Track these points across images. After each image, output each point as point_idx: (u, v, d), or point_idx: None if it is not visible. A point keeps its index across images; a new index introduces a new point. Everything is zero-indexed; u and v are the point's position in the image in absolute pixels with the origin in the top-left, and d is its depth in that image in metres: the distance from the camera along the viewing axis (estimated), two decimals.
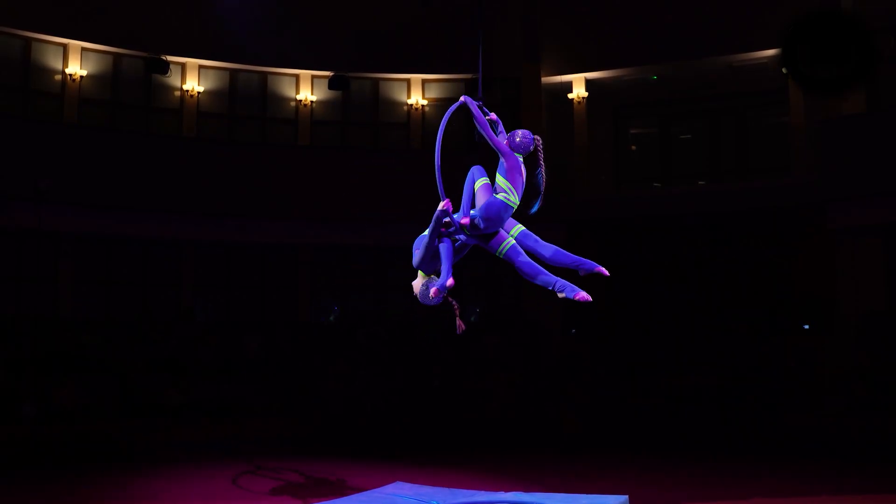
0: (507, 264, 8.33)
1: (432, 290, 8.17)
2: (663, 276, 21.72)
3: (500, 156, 8.23)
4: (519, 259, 8.23)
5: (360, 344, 20.54)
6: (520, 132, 8.36)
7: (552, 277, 8.10)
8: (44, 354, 17.95)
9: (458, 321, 8.45)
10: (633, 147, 23.75)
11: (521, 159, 8.29)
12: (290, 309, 22.02)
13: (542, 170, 8.25)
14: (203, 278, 21.58)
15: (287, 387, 19.05)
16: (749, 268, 21.09)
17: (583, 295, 8.01)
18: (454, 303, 8.46)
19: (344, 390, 19.11)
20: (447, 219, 8.12)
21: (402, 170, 20.74)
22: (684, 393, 20.42)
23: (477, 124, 8.20)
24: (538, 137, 8.40)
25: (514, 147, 8.25)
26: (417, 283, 8.48)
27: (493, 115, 8.53)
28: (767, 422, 18.90)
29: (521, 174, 8.22)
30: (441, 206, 7.99)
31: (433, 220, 8.09)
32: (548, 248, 8.27)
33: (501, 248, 8.25)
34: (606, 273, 8.11)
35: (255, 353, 19.86)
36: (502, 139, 8.35)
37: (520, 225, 8.48)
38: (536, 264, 8.26)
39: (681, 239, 21.36)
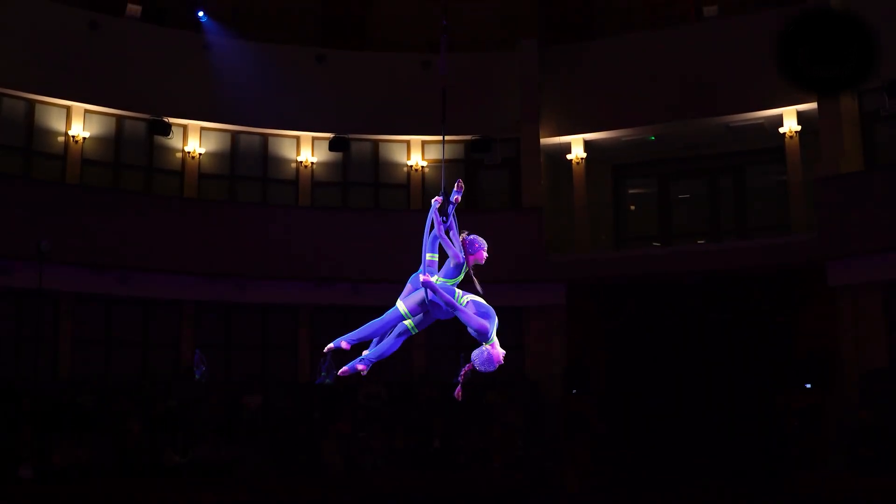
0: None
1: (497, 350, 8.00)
2: (664, 334, 21.66)
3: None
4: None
5: (360, 403, 20.44)
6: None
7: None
8: (42, 414, 17.84)
9: (459, 389, 8.31)
10: (633, 206, 23.83)
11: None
12: (289, 368, 21.94)
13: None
14: (203, 338, 21.51)
15: (287, 447, 18.91)
16: (750, 326, 21.03)
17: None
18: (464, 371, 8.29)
19: (344, 450, 18.98)
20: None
21: (401, 230, 20.77)
22: (686, 452, 20.31)
23: (435, 227, 8.20)
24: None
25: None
26: (480, 353, 8.02)
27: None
28: (771, 480, 18.76)
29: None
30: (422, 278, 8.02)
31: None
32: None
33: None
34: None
35: (255, 412, 19.74)
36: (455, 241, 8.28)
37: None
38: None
39: (681, 298, 21.34)
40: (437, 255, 8.39)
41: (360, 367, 8.34)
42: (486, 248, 8.28)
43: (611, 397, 21.56)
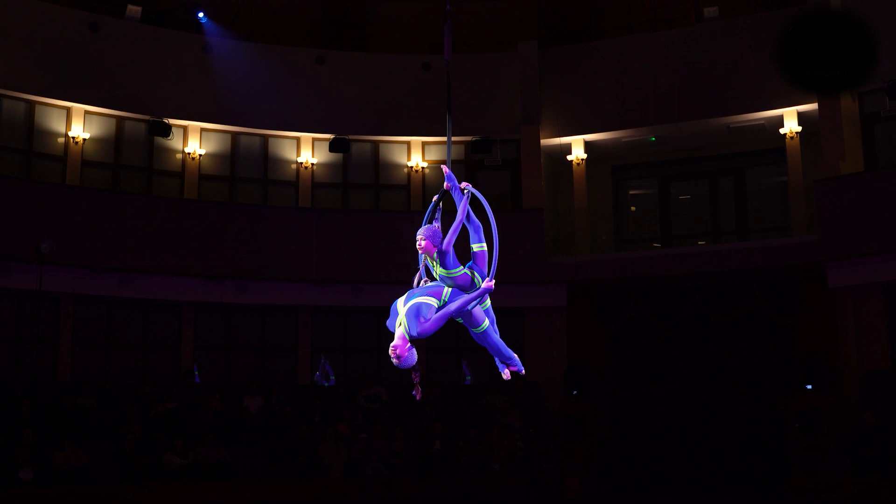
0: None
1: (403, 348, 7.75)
2: (664, 336, 21.62)
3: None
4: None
5: (360, 406, 20.42)
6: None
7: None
8: (42, 417, 17.83)
9: (417, 387, 8.01)
10: (633, 208, 23.83)
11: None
12: (289, 371, 21.93)
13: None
14: (203, 340, 21.50)
15: (287, 449, 18.89)
16: (750, 328, 20.98)
17: (510, 371, 8.09)
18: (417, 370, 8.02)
19: (345, 452, 18.95)
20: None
21: (402, 231, 20.75)
22: (686, 454, 20.27)
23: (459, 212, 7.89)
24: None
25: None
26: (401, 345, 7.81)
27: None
28: (771, 483, 18.73)
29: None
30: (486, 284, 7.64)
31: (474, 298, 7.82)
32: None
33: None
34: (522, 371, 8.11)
35: (255, 415, 19.71)
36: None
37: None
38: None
39: (681, 299, 21.30)
40: (483, 245, 7.95)
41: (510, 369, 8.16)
42: (431, 240, 7.82)
43: (611, 399, 21.52)
